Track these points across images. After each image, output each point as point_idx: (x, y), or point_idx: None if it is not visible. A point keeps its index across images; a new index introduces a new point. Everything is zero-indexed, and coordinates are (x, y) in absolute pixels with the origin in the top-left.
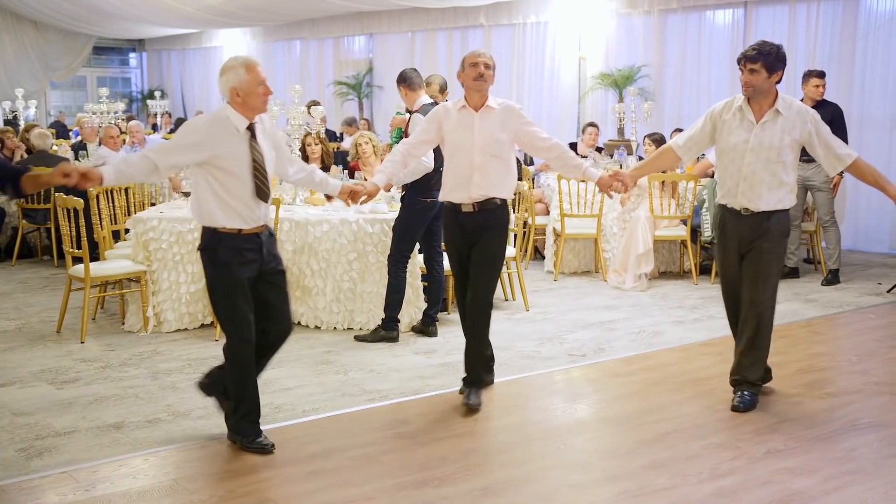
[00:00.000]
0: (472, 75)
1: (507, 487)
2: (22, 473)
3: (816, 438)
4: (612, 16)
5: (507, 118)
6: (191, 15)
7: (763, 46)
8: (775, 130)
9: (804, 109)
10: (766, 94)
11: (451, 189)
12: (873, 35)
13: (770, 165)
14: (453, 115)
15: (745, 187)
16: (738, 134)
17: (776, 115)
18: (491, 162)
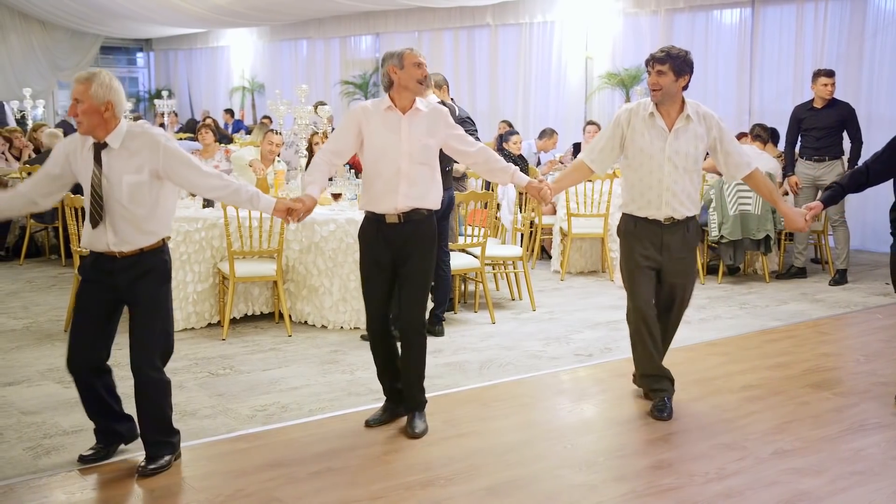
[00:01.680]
0: (417, 76)
1: (513, 487)
2: (30, 472)
3: (824, 439)
4: (619, 15)
5: (436, 122)
6: (198, 15)
7: (671, 49)
8: (689, 138)
9: (710, 115)
10: (673, 99)
11: (374, 198)
12: (881, 34)
13: (688, 174)
14: (375, 116)
15: (668, 197)
16: (650, 142)
17: (687, 121)
18: (419, 170)
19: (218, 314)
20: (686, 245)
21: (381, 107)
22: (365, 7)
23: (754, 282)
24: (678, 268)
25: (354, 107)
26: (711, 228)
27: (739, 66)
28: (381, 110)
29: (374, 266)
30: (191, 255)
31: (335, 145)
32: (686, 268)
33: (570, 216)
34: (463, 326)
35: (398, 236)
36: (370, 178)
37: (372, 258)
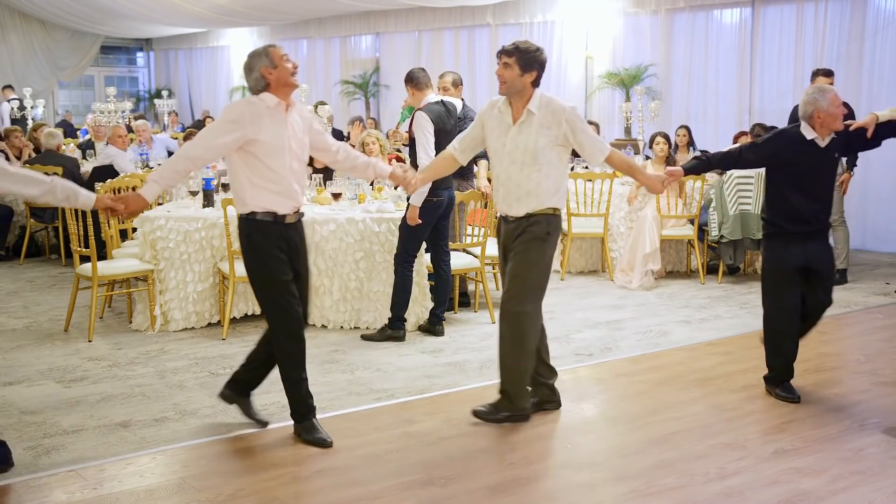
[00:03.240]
0: (291, 69)
1: (514, 486)
2: (30, 471)
3: (824, 438)
4: (620, 15)
5: (303, 120)
6: (198, 14)
7: (522, 44)
8: (530, 132)
9: (560, 109)
10: (520, 93)
11: (274, 198)
12: (881, 34)
13: (525, 169)
14: (264, 114)
15: (503, 192)
16: (496, 137)
17: (530, 115)
18: (301, 167)
19: (218, 314)
20: (522, 237)
21: (269, 103)
22: (365, 7)
23: (754, 281)
24: (514, 260)
25: (242, 104)
26: (711, 228)
27: (739, 66)
28: (270, 107)
29: (283, 268)
30: (191, 254)
31: (215, 140)
32: (518, 261)
33: (570, 216)
34: (463, 326)
35: (296, 235)
36: (264, 177)
37: (282, 258)
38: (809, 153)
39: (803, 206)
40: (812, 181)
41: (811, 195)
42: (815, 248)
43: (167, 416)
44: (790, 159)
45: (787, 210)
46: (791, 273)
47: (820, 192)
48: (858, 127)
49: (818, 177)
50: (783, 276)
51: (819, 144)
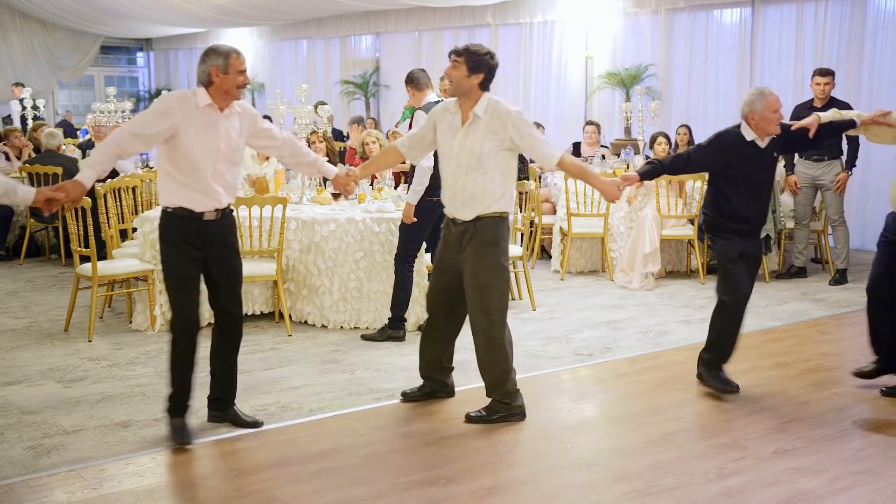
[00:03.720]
0: (239, 83)
1: (514, 486)
2: (30, 472)
3: (824, 438)
4: (620, 15)
5: (246, 119)
6: (198, 14)
7: (474, 46)
8: (476, 136)
9: (506, 113)
10: (467, 95)
11: (189, 196)
12: (881, 34)
13: (471, 173)
14: (194, 112)
15: (450, 195)
16: (444, 140)
17: (476, 118)
18: (231, 169)
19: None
20: (472, 244)
21: (201, 103)
22: (365, 7)
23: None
24: (470, 268)
25: (170, 98)
26: None
27: (739, 66)
28: (200, 107)
29: (193, 266)
30: None
31: (144, 129)
32: (475, 268)
33: (570, 216)
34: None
35: (215, 233)
36: (185, 174)
37: (191, 256)
38: (750, 154)
39: (745, 205)
40: (753, 181)
41: (752, 195)
42: (751, 244)
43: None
44: (733, 160)
45: (729, 210)
46: (747, 269)
47: (761, 192)
48: (801, 127)
49: (759, 177)
50: (736, 268)
51: (759, 145)
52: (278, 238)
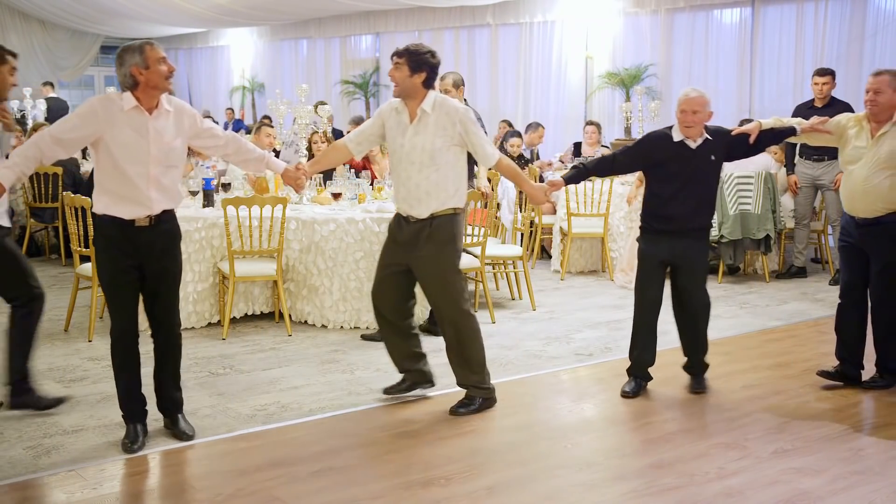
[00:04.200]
0: (165, 73)
1: (514, 486)
2: (30, 472)
3: (824, 438)
4: (620, 15)
5: (182, 119)
6: (198, 14)
7: (412, 46)
8: (427, 133)
9: (454, 110)
10: (412, 94)
11: (118, 203)
12: (881, 34)
13: (424, 170)
14: (119, 115)
15: (404, 193)
16: (395, 137)
17: (425, 115)
18: (168, 172)
19: (218, 314)
20: (430, 243)
21: (126, 105)
22: (365, 6)
23: (754, 281)
24: (421, 266)
25: (94, 102)
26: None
27: (740, 66)
28: (125, 110)
29: (123, 273)
30: (191, 254)
31: (64, 134)
32: (439, 268)
33: (570, 216)
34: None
35: (148, 238)
36: (112, 180)
37: (121, 265)
38: (679, 154)
39: (673, 205)
40: (683, 181)
41: (682, 195)
42: (682, 246)
43: None
44: (660, 160)
45: (656, 209)
46: (654, 268)
47: (693, 193)
48: (741, 133)
49: (690, 177)
50: (647, 270)
51: (689, 146)
52: (278, 238)
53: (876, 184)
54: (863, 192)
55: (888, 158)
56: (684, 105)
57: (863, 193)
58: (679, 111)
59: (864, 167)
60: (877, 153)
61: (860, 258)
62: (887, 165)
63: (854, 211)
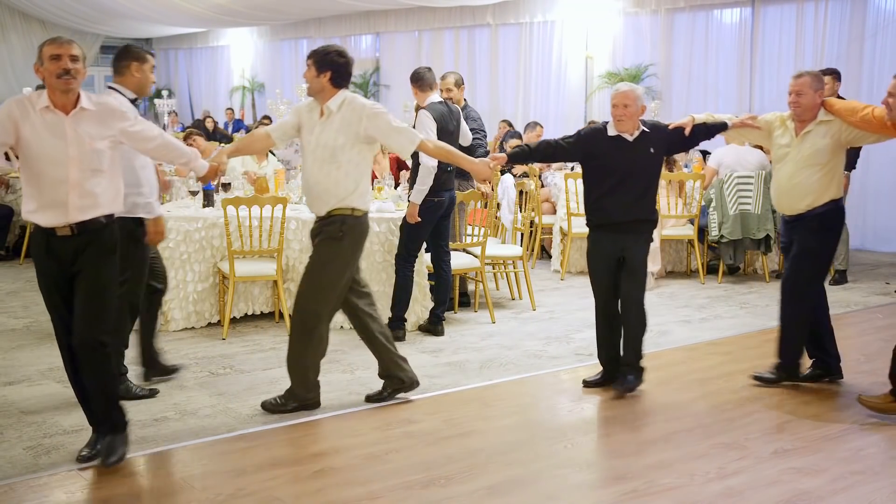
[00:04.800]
0: (55, 71)
1: (514, 486)
2: (30, 471)
3: (824, 438)
4: (620, 15)
5: (107, 119)
6: (198, 14)
7: (323, 47)
8: (331, 130)
9: (360, 106)
10: (321, 93)
11: (39, 209)
12: (882, 34)
13: (325, 166)
14: (33, 116)
15: (306, 189)
16: (306, 134)
17: (330, 113)
18: (92, 177)
19: (218, 313)
20: (322, 239)
21: (39, 105)
22: (365, 6)
23: (755, 281)
24: (309, 260)
25: (10, 103)
26: (711, 228)
27: (740, 66)
28: (38, 110)
29: (52, 283)
30: (191, 254)
31: None
32: (312, 260)
33: (571, 215)
34: (463, 326)
35: (70, 249)
36: (34, 186)
37: (46, 275)
38: (615, 147)
39: (612, 199)
40: (622, 175)
41: (621, 189)
42: (627, 241)
43: (167, 416)
44: (597, 153)
45: (596, 203)
46: (602, 264)
47: (632, 186)
48: (676, 127)
49: (628, 171)
50: (595, 267)
51: (626, 139)
52: (278, 238)
53: (801, 181)
54: (789, 189)
55: (812, 156)
56: (615, 99)
57: (789, 190)
58: (611, 106)
59: (789, 165)
60: (801, 151)
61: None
62: (812, 162)
63: (782, 208)
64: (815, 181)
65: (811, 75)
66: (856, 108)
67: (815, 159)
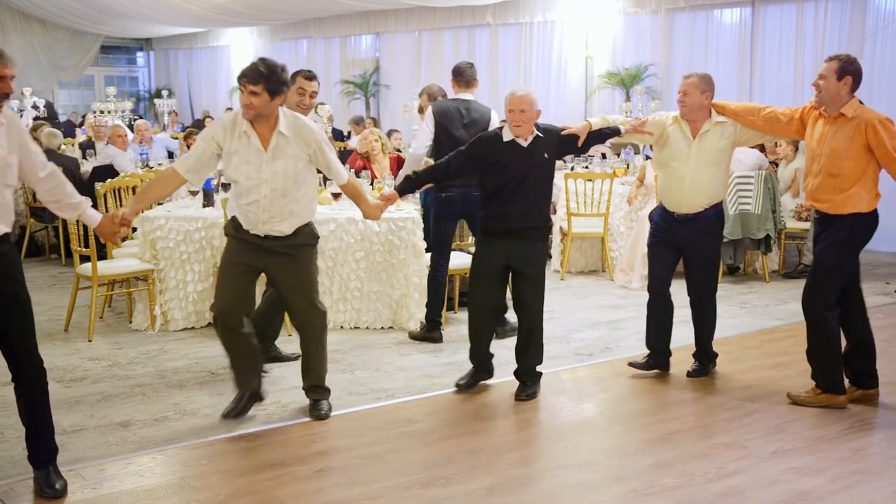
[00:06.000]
0: None
1: (514, 486)
2: (30, 471)
3: (824, 438)
4: (620, 15)
5: (12, 134)
6: (198, 14)
7: (262, 66)
8: (287, 158)
9: (309, 130)
10: (270, 116)
11: None
12: (881, 34)
13: (288, 195)
14: None
15: (265, 217)
16: (246, 162)
17: (280, 137)
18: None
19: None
20: (291, 261)
21: None
22: (365, 6)
23: (754, 281)
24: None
25: None
26: None
27: (740, 66)
28: None
29: None
30: (191, 254)
31: None
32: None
33: (570, 216)
34: (463, 326)
35: None
36: None
37: None
38: (510, 152)
39: (509, 205)
40: (518, 180)
41: (518, 195)
42: (519, 249)
43: (167, 416)
44: (492, 160)
45: (492, 210)
46: (488, 272)
47: (528, 192)
48: (570, 133)
49: (524, 176)
50: (479, 273)
51: (520, 144)
52: None
53: (701, 180)
54: (690, 187)
55: (715, 155)
56: (511, 104)
57: (690, 189)
58: (507, 111)
59: (688, 164)
60: (700, 150)
61: (672, 253)
62: (714, 162)
63: (678, 207)
64: (716, 180)
65: (699, 77)
66: (756, 109)
67: (717, 159)
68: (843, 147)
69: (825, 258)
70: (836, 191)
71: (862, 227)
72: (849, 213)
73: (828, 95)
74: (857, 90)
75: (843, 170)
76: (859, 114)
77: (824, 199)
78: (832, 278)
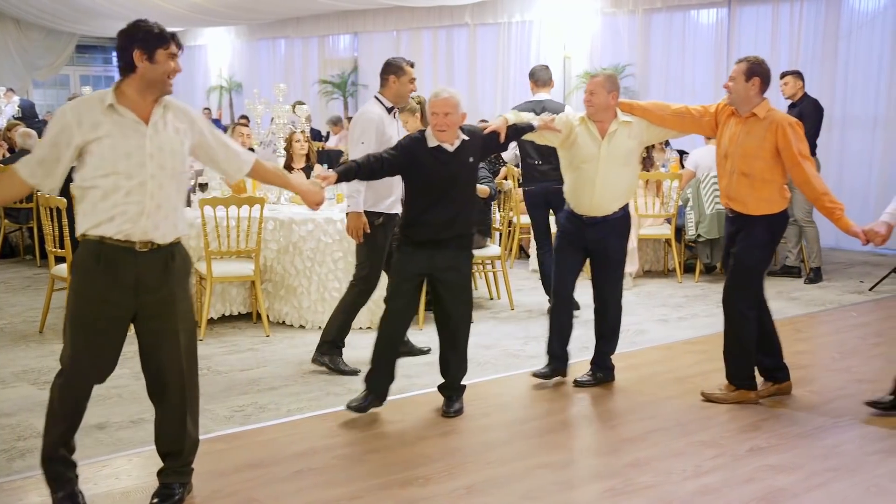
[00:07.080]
0: None
1: (492, 486)
2: (3, 475)
3: (799, 435)
4: (597, 15)
5: None
6: (175, 14)
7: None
8: (170, 132)
9: (189, 110)
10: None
11: None
12: (856, 34)
13: (176, 176)
14: None
15: (152, 207)
16: (124, 140)
17: (165, 112)
18: None
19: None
20: (169, 278)
21: None
22: (343, 6)
23: None
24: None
25: None
26: (689, 227)
27: (716, 66)
28: None
29: None
30: None
31: None
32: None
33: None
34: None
35: None
36: None
37: None
38: (434, 158)
39: (433, 213)
40: (444, 187)
41: (444, 202)
42: (444, 259)
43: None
44: (415, 163)
45: (416, 217)
46: (408, 282)
47: (454, 199)
48: (491, 131)
49: (450, 183)
50: (399, 284)
51: (447, 150)
52: (256, 238)
53: (612, 181)
54: (601, 190)
55: (624, 156)
56: (435, 107)
57: (601, 191)
58: (430, 114)
59: (598, 165)
60: (610, 151)
61: (578, 257)
62: (624, 163)
63: (588, 209)
64: (626, 181)
65: (605, 76)
66: (666, 105)
67: (627, 160)
68: (755, 147)
69: (747, 258)
70: (750, 190)
71: (778, 227)
72: (763, 213)
73: (737, 96)
74: (766, 91)
75: (755, 169)
76: (771, 115)
77: (738, 199)
78: (755, 277)
